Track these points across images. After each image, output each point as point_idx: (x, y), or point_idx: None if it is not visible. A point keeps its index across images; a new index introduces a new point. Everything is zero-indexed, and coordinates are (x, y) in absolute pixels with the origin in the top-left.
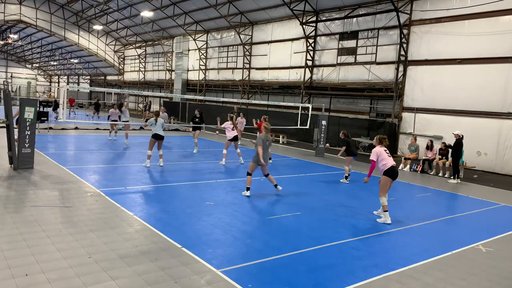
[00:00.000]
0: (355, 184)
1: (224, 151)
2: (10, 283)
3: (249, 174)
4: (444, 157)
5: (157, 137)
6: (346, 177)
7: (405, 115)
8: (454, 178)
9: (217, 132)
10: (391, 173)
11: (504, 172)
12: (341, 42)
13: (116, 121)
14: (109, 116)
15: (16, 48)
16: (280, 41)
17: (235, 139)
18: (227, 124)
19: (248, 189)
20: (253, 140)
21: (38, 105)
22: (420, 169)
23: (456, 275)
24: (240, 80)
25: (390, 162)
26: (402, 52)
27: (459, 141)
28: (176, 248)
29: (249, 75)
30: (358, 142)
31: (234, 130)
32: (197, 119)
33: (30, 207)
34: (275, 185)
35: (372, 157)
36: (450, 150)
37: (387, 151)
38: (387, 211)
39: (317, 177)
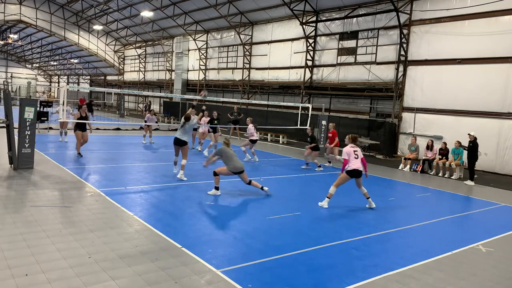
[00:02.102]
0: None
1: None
2: (10, 283)
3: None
4: (444, 157)
5: (176, 142)
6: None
7: (405, 115)
8: (471, 180)
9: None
10: (352, 173)
11: (504, 172)
12: (341, 42)
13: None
14: (145, 121)
15: (16, 48)
16: (280, 41)
17: (254, 142)
18: (251, 129)
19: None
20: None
21: (38, 105)
22: (420, 169)
23: (456, 275)
24: (240, 80)
25: (354, 165)
26: (402, 52)
27: (473, 142)
28: (176, 248)
29: (249, 75)
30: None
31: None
32: (215, 121)
33: (30, 207)
34: (216, 187)
35: (343, 156)
36: (449, 150)
37: (357, 152)
38: (329, 198)
39: (317, 177)
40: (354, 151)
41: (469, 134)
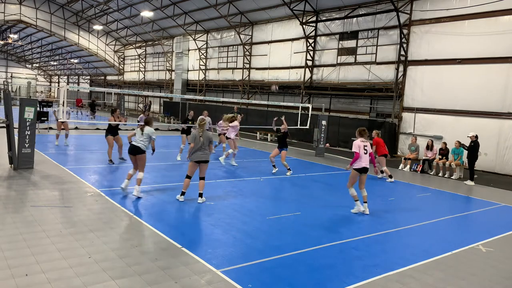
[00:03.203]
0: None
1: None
2: (10, 283)
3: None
4: (444, 157)
5: (129, 150)
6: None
7: (405, 115)
8: (471, 180)
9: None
10: (360, 170)
11: (504, 172)
12: (341, 42)
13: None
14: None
15: (16, 48)
16: (280, 41)
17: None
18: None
19: (183, 193)
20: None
21: (38, 105)
22: (420, 169)
23: (456, 275)
24: (240, 80)
25: (363, 162)
26: (402, 52)
27: (475, 142)
28: (176, 248)
29: (249, 75)
30: None
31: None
32: (189, 122)
33: (30, 207)
34: (200, 194)
35: (355, 149)
36: (450, 150)
37: (366, 147)
38: (357, 200)
39: (317, 177)
40: (364, 146)
41: (468, 136)
